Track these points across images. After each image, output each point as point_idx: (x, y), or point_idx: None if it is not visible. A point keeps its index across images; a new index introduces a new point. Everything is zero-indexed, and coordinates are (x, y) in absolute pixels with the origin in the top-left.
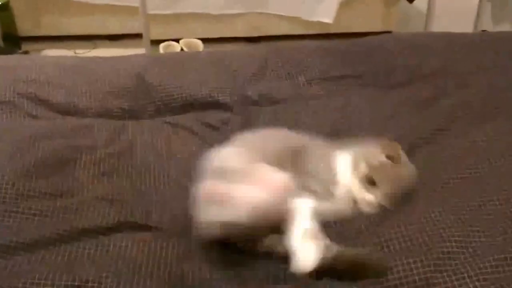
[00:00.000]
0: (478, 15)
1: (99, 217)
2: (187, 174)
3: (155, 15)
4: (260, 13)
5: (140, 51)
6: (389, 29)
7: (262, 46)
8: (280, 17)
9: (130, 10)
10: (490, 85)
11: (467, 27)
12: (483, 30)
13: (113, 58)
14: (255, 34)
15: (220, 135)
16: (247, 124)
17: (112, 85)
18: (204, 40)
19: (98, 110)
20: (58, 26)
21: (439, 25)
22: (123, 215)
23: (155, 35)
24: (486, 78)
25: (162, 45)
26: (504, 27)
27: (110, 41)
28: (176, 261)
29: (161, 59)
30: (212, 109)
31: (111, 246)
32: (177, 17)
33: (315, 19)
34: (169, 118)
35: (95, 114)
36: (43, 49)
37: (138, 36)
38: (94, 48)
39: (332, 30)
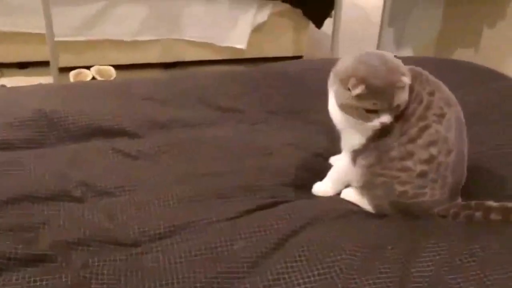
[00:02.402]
0: (379, 40)
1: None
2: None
3: (66, 42)
4: (174, 39)
5: (50, 79)
6: (300, 53)
7: (172, 73)
8: (194, 43)
9: (39, 37)
10: None
11: None
12: None
13: (16, 88)
14: (170, 60)
15: (125, 158)
16: (157, 148)
17: (12, 116)
18: (118, 67)
19: None
20: None
21: (344, 50)
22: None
23: (66, 62)
24: None
25: (72, 72)
26: (406, 52)
27: (19, 69)
28: None
29: (66, 88)
30: (118, 136)
31: None
32: (90, 44)
33: (228, 44)
34: (72, 146)
35: None
36: None
37: (48, 63)
38: (1, 77)
39: (246, 55)
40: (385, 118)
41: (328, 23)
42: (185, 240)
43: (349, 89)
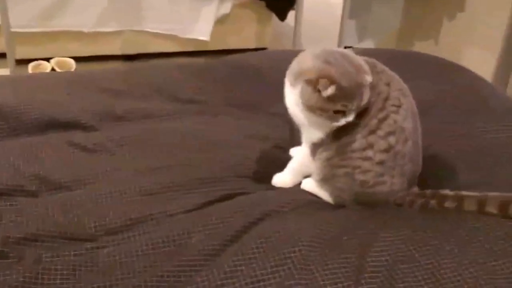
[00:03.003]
0: (341, 32)
1: None
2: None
3: (26, 33)
4: (136, 31)
5: (7, 71)
6: (264, 46)
7: (131, 64)
8: (157, 34)
9: None
10: None
11: (332, 43)
12: (348, 47)
13: None
14: (132, 52)
15: (81, 151)
16: (114, 140)
17: None
18: (79, 59)
19: None
20: None
21: (307, 42)
22: None
23: (25, 54)
24: None
25: (31, 64)
26: (368, 44)
27: None
28: None
29: (19, 79)
30: (74, 129)
31: None
32: (50, 36)
33: (191, 36)
34: (26, 139)
35: None
36: None
37: (5, 55)
38: None
39: (209, 48)
40: (351, 117)
41: (292, 15)
42: (142, 234)
43: (318, 91)
